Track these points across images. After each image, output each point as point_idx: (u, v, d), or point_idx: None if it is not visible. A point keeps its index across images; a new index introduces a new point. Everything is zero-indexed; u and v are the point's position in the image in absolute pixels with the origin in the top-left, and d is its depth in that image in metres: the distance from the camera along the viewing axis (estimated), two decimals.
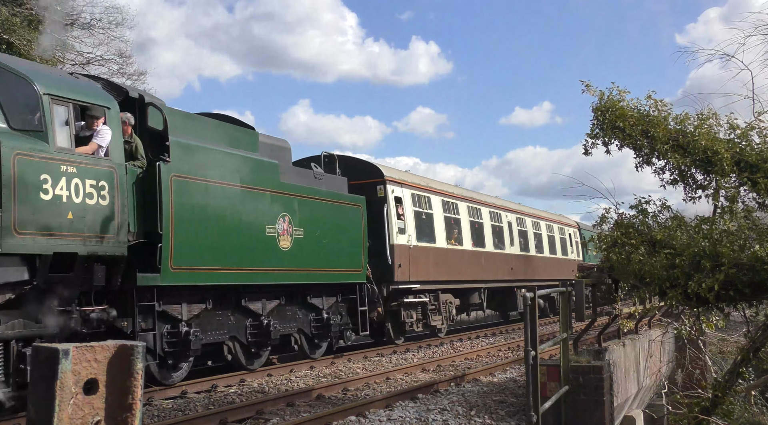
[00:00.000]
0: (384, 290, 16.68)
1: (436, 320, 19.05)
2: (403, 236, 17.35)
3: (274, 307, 13.19)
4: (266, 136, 13.70)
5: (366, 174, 17.21)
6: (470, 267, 21.04)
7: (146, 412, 9.72)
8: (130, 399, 1.59)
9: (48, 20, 19.07)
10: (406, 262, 17.38)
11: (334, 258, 14.46)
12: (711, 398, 12.37)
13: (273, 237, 12.61)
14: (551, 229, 29.70)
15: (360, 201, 15.61)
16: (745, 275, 8.80)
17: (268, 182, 12.70)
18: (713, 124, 9.58)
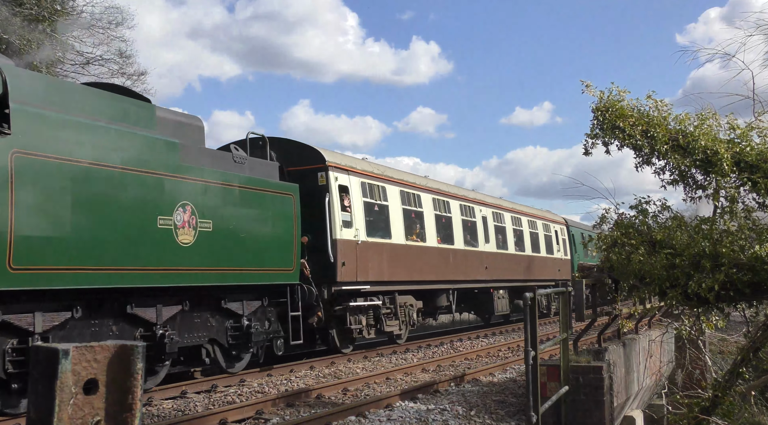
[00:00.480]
0: (325, 292, 14.57)
1: (392, 325, 17.04)
2: (348, 230, 15.14)
3: (175, 314, 11.12)
4: (169, 111, 11.91)
5: (305, 159, 15.05)
6: (436, 266, 19.02)
7: (146, 412, 9.72)
8: (130, 399, 1.59)
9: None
10: (353, 260, 15.19)
11: (256, 255, 12.38)
12: (711, 398, 12.37)
13: (168, 231, 10.48)
14: (534, 226, 27.55)
15: (292, 189, 13.41)
16: (745, 275, 8.80)
17: (163, 164, 10.56)
18: (713, 124, 9.59)
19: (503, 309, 23.86)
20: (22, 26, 20.00)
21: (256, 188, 12.57)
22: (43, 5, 20.78)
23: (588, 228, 37.24)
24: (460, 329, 24.97)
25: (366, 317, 16.13)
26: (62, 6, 22.33)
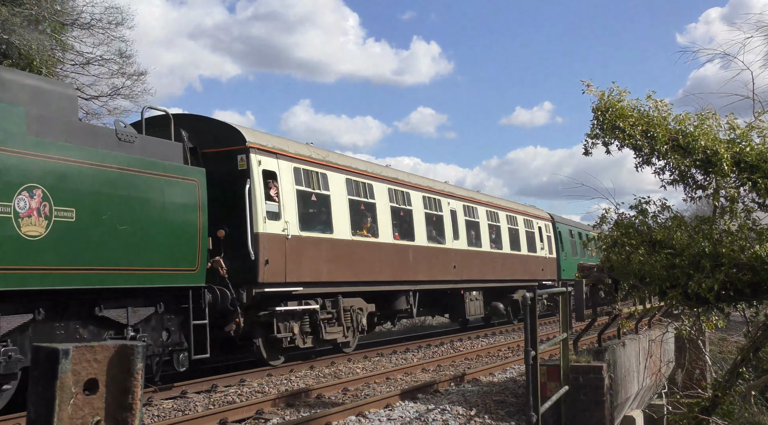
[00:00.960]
0: (244, 295, 12.45)
1: (334, 332, 14.92)
2: (276, 223, 13.03)
3: (24, 324, 8.85)
4: (25, 75, 10.30)
5: (223, 140, 12.95)
6: (392, 264, 16.91)
7: (146, 412, 9.72)
8: (130, 399, 1.59)
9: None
10: (280, 257, 13.06)
11: (144, 252, 10.21)
12: (711, 398, 12.38)
13: (6, 220, 8.39)
14: (514, 221, 25.16)
15: (196, 174, 11.29)
16: (745, 275, 8.81)
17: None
18: (713, 124, 9.59)
19: (476, 312, 21.71)
20: (22, 26, 20.00)
21: (146, 171, 10.36)
22: (43, 5, 20.77)
23: (578, 225, 34.75)
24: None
25: (299, 323, 13.88)
26: (62, 6, 22.32)
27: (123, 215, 9.92)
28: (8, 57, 19.56)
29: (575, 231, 33.39)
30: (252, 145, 12.92)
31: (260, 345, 13.35)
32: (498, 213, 23.86)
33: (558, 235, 29.85)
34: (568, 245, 30.94)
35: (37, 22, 20.88)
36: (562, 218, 32.30)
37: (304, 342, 14.09)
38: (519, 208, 26.67)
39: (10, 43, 19.59)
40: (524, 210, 27.18)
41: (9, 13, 19.66)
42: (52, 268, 9.00)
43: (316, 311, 14.27)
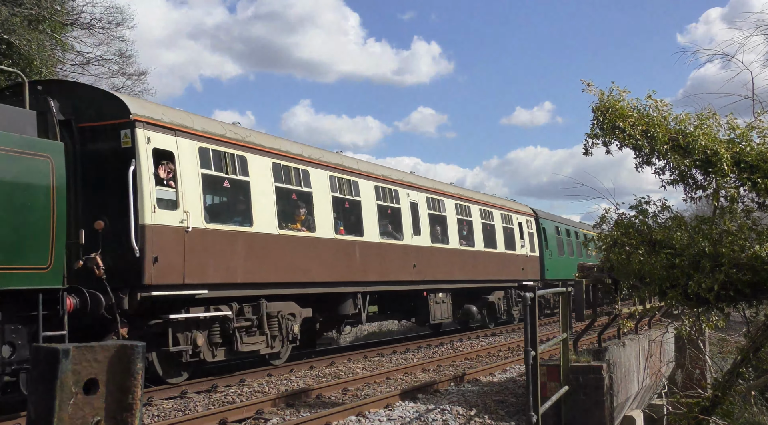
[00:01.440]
0: (126, 300, 10.28)
1: (255, 342, 12.73)
2: (171, 213, 10.94)
3: None
4: None
5: (105, 113, 10.81)
6: (333, 263, 14.71)
7: (146, 412, 9.72)
8: (130, 398, 1.59)
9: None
10: (177, 254, 10.96)
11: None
12: (711, 398, 12.39)
13: None
14: (489, 216, 22.54)
15: (50, 149, 9.14)
16: (745, 275, 8.82)
17: None
18: (713, 124, 9.59)
19: (443, 315, 19.56)
20: (22, 26, 20.00)
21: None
22: (43, 5, 20.77)
23: (567, 222, 32.51)
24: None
25: (207, 333, 11.78)
26: (62, 6, 22.32)
27: None
28: (8, 57, 19.56)
29: (563, 228, 31.23)
30: (139, 118, 10.67)
31: (154, 361, 11.01)
32: (470, 206, 21.35)
33: (542, 232, 27.51)
34: (553, 243, 28.93)
35: (37, 21, 20.88)
36: (548, 214, 29.89)
37: (213, 355, 11.95)
38: (496, 201, 24.49)
39: (10, 43, 19.59)
40: (502, 204, 24.74)
41: (9, 13, 19.66)
42: None
43: (229, 318, 12.04)
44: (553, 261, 28.36)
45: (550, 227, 28.86)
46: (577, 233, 33.91)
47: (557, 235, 29.89)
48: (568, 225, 32.56)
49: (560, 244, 30.09)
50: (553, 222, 29.72)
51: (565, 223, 32.36)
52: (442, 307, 19.46)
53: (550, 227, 28.86)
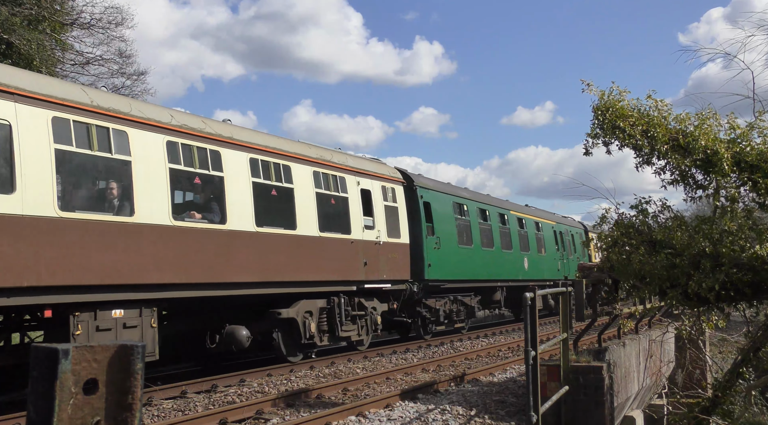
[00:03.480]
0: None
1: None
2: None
3: None
4: None
5: None
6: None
7: (146, 412, 9.72)
8: (130, 398, 1.59)
9: None
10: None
11: None
12: (711, 398, 12.40)
13: None
14: (285, 174, 13.68)
15: None
16: (745, 275, 8.81)
17: None
18: (713, 124, 9.59)
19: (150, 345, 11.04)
20: (22, 26, 20.00)
21: None
22: (43, 5, 20.77)
23: (480, 198, 22.97)
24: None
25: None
26: (62, 6, 22.33)
27: None
28: (8, 57, 19.55)
29: (473, 206, 21.83)
30: None
31: None
32: (221, 152, 12.20)
33: (423, 208, 18.56)
34: (448, 227, 19.77)
35: (37, 21, 20.88)
36: (431, 181, 20.39)
37: None
38: (308, 153, 14.68)
39: (10, 43, 19.59)
40: (319, 157, 14.84)
41: (9, 13, 19.66)
42: None
43: None
44: (447, 253, 19.33)
45: (441, 203, 19.69)
46: (522, 221, 25.96)
47: (460, 217, 20.79)
48: (486, 203, 23.24)
49: (467, 231, 20.98)
50: (449, 196, 20.42)
51: (482, 200, 23.04)
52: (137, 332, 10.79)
53: (441, 203, 19.69)
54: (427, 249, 18.47)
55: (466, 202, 21.70)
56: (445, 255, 19.37)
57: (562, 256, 30.49)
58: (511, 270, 24.19)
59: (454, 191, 21.41)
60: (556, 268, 29.28)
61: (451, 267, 19.71)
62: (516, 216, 25.69)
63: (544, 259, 27.97)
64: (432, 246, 18.74)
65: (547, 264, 28.31)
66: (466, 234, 21.15)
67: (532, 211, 28.60)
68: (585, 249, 31.94)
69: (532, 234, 26.89)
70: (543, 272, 27.43)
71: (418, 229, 18.33)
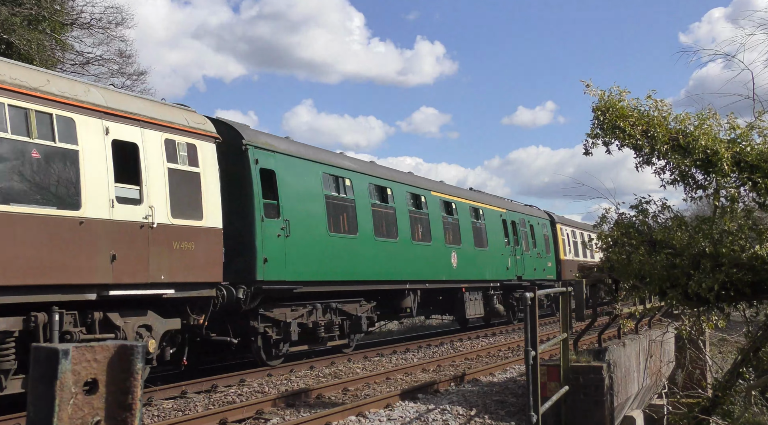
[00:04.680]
0: None
1: None
2: None
3: None
4: None
5: None
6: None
7: (146, 412, 9.72)
8: (130, 399, 1.59)
9: None
10: None
11: None
12: (711, 398, 12.41)
13: None
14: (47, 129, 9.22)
15: None
16: (745, 275, 8.81)
17: None
18: (713, 124, 9.59)
19: None
20: (22, 26, 19.99)
21: None
22: (43, 5, 20.77)
23: (336, 162, 15.79)
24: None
25: None
26: (62, 6, 22.32)
27: None
28: (8, 57, 19.56)
29: (362, 182, 16.35)
30: None
31: None
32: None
33: (259, 178, 13.16)
34: (309, 207, 14.38)
35: (37, 21, 20.88)
36: (299, 146, 15.01)
37: None
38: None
39: (10, 43, 19.59)
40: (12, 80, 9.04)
41: (9, 12, 19.66)
42: None
43: None
44: (306, 244, 14.04)
45: (299, 172, 14.30)
46: (452, 205, 20.68)
47: (334, 193, 15.43)
48: (387, 179, 17.69)
49: (345, 213, 15.76)
50: (317, 165, 14.95)
51: (378, 174, 17.43)
52: None
53: (299, 172, 14.30)
54: (262, 237, 12.89)
55: (349, 175, 16.05)
56: (301, 246, 13.86)
57: (514, 252, 24.50)
58: (430, 267, 18.70)
59: (325, 158, 15.55)
60: (505, 266, 23.66)
61: (313, 264, 14.16)
62: (440, 199, 19.90)
63: (485, 255, 22.25)
64: (273, 234, 13.14)
65: (491, 260, 22.70)
66: (346, 219, 15.69)
67: (468, 194, 23.05)
68: (553, 243, 29.35)
69: (466, 223, 21.27)
70: (483, 271, 22.05)
71: (248, 208, 12.86)
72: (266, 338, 13.53)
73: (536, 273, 26.74)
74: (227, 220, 12.05)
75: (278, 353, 13.89)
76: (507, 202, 26.57)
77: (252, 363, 13.93)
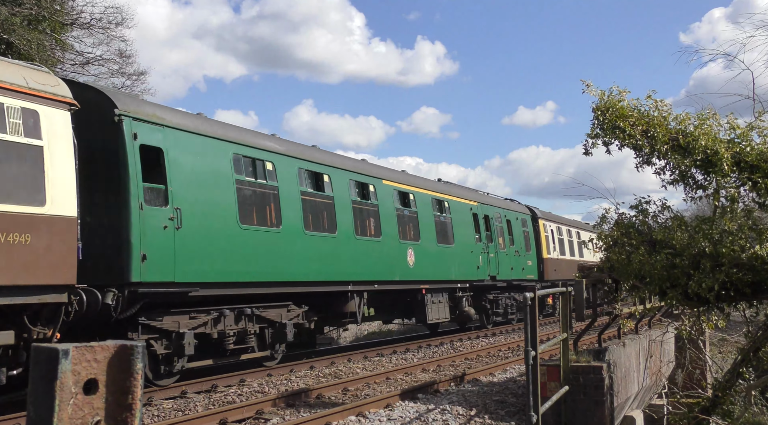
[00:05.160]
0: None
1: None
2: None
3: None
4: None
5: None
6: None
7: (146, 412, 9.72)
8: (130, 398, 1.59)
9: None
10: None
11: None
12: (711, 398, 12.41)
13: None
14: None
15: None
16: (745, 275, 8.82)
17: None
18: (713, 124, 9.59)
19: None
20: (22, 26, 19.99)
21: None
22: (43, 5, 20.77)
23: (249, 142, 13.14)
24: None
25: None
26: (62, 6, 22.32)
27: None
28: (8, 57, 19.56)
29: (287, 166, 13.90)
30: None
31: None
32: None
33: (138, 156, 10.84)
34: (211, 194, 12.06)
35: (37, 21, 20.88)
36: (196, 119, 12.54)
37: None
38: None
39: (10, 43, 19.59)
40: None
41: (9, 12, 19.66)
42: None
43: None
44: (204, 237, 11.73)
45: (197, 151, 11.97)
46: (408, 196, 18.19)
47: (248, 178, 13.02)
48: (324, 164, 15.18)
49: (263, 201, 13.40)
50: (223, 144, 12.52)
51: (311, 159, 14.86)
52: None
53: (197, 151, 11.97)
54: (141, 229, 10.63)
55: (272, 158, 13.50)
56: (199, 240, 11.63)
57: (486, 249, 22.17)
58: (380, 266, 16.31)
59: (237, 136, 12.90)
60: (475, 265, 21.24)
61: (218, 262, 11.90)
62: (394, 189, 17.32)
63: (450, 252, 19.86)
64: (157, 225, 10.89)
65: (458, 258, 20.28)
66: (266, 210, 13.33)
67: (431, 184, 20.29)
68: (534, 241, 26.90)
69: (427, 216, 18.71)
70: (448, 270, 19.71)
71: (121, 194, 10.58)
72: (150, 353, 11.08)
73: (513, 273, 24.26)
74: (93, 208, 9.98)
75: (170, 370, 11.49)
76: (480, 194, 24.05)
77: (252, 362, 13.93)
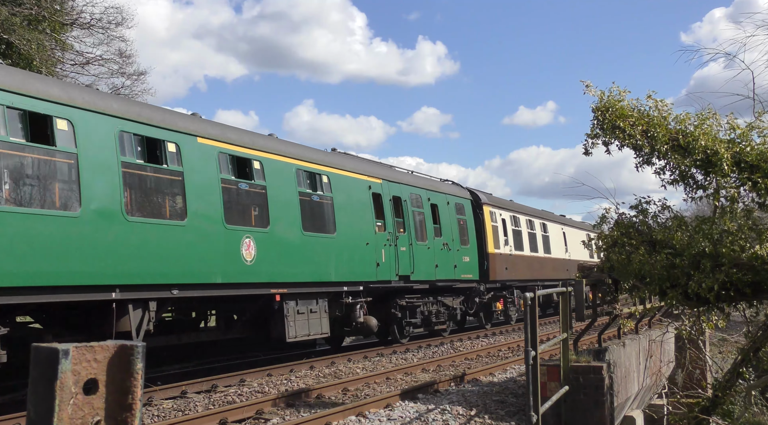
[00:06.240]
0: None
1: None
2: None
3: None
4: None
5: None
6: None
7: (146, 412, 9.72)
8: (130, 399, 1.59)
9: None
10: None
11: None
12: (711, 398, 12.40)
13: None
14: None
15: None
16: (745, 275, 8.81)
17: None
18: (713, 124, 9.59)
19: None
20: (22, 26, 19.99)
21: None
22: (43, 5, 20.77)
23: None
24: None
25: None
26: (62, 6, 22.32)
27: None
28: (8, 57, 19.55)
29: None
30: None
31: None
32: None
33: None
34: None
35: (37, 21, 20.88)
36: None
37: None
38: None
39: (10, 42, 19.59)
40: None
41: (9, 12, 19.65)
42: None
43: None
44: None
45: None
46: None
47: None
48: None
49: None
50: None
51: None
52: None
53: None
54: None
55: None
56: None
57: (394, 240, 17.12)
58: (183, 263, 11.03)
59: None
60: (374, 262, 16.28)
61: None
62: (219, 152, 12.16)
63: (328, 243, 14.68)
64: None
65: (344, 252, 15.23)
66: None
67: (297, 150, 14.76)
68: (475, 232, 21.65)
69: (286, 193, 13.72)
70: (325, 267, 14.66)
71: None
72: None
73: (440, 272, 19.00)
74: None
75: None
76: (388, 169, 18.58)
77: (252, 362, 13.93)
